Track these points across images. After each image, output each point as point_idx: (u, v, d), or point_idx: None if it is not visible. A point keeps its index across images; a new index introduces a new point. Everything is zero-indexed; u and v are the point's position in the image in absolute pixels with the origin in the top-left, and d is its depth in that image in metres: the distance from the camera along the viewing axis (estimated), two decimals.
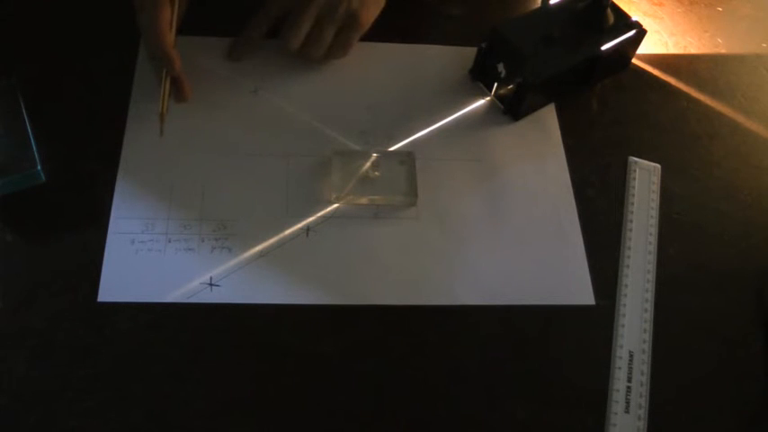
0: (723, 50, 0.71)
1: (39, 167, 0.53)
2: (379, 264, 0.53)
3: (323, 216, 0.55)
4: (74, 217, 0.53)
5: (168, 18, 0.55)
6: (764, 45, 0.72)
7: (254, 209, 0.55)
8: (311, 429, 0.47)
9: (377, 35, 0.63)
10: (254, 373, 0.48)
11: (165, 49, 0.55)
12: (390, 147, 0.59)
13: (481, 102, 0.63)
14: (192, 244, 0.52)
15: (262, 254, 0.53)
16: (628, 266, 0.55)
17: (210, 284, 0.51)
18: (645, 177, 0.60)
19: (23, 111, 0.55)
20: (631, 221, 0.57)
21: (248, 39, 0.62)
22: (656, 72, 0.68)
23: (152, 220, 0.53)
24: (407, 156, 0.57)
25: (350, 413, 0.47)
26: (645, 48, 0.67)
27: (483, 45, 0.61)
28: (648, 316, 0.53)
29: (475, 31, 0.64)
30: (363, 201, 0.56)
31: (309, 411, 0.47)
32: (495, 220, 0.57)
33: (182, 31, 0.61)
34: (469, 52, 0.63)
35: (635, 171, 0.60)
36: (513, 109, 0.62)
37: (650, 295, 0.54)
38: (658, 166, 0.61)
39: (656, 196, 0.59)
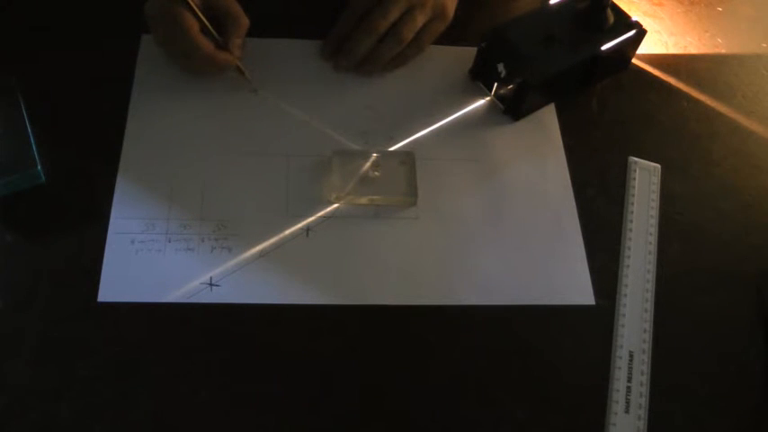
0: (723, 50, 0.71)
1: (39, 167, 0.53)
2: (379, 264, 0.53)
3: (323, 216, 0.55)
4: (74, 217, 0.53)
5: (195, 25, 0.54)
6: (764, 45, 0.72)
7: (254, 209, 0.55)
8: (311, 429, 0.47)
9: None
10: (253, 372, 0.48)
11: (208, 55, 0.55)
12: (390, 147, 0.59)
13: (481, 102, 0.63)
14: (192, 244, 0.52)
15: (262, 254, 0.53)
16: (628, 266, 0.55)
17: (210, 284, 0.51)
18: (645, 177, 0.60)
19: (23, 111, 0.55)
20: (631, 221, 0.57)
21: (342, 38, 0.62)
22: (656, 72, 0.68)
23: (152, 220, 0.53)
24: (407, 156, 0.57)
25: (350, 413, 0.47)
26: (645, 48, 0.67)
27: (483, 45, 0.61)
28: (648, 316, 0.53)
29: (475, 31, 0.64)
30: (363, 201, 0.56)
31: (309, 411, 0.47)
32: (495, 220, 0.56)
33: None
34: (469, 52, 0.63)
35: (635, 171, 0.60)
36: (513, 109, 0.62)
37: (650, 295, 0.54)
38: (658, 166, 0.61)
39: (656, 196, 0.59)
